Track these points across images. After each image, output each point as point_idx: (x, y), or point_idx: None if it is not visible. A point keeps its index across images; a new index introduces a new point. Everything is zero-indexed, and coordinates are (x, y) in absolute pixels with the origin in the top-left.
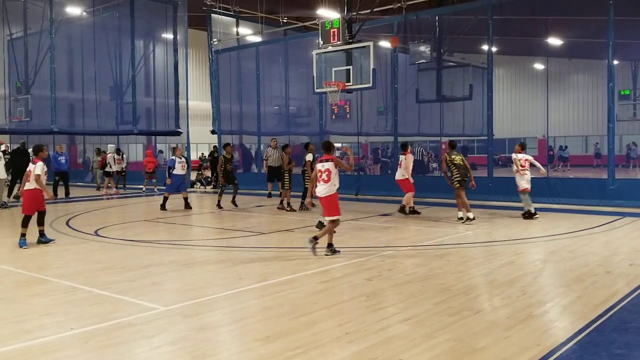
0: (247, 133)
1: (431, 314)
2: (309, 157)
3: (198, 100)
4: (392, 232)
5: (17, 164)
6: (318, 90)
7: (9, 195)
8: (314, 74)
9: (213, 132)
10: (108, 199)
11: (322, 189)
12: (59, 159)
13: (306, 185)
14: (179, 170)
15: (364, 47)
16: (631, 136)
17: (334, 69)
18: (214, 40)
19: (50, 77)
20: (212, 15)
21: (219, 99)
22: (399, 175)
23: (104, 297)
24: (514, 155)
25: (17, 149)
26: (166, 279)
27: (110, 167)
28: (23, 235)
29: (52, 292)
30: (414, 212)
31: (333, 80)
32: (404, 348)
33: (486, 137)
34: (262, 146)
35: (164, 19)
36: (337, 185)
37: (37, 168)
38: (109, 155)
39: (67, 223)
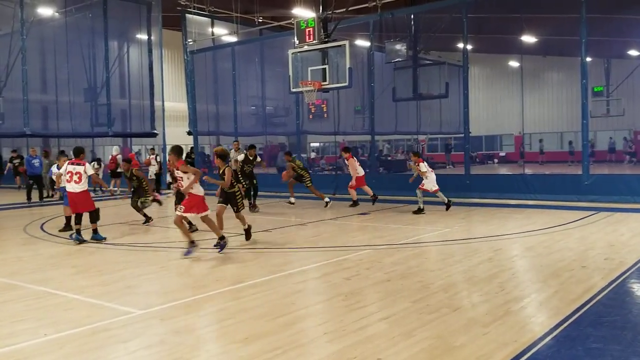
0: (224, 134)
1: (410, 312)
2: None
3: (174, 101)
4: (370, 231)
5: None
6: (294, 90)
7: None
8: (290, 74)
9: (189, 133)
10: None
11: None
12: (32, 162)
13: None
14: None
15: (339, 46)
16: (605, 132)
17: (310, 69)
18: (189, 40)
19: (22, 79)
20: (187, 15)
21: (195, 100)
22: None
23: (78, 301)
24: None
25: None
26: (142, 282)
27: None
28: (78, 231)
29: (24, 297)
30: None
31: (309, 79)
32: (382, 347)
33: (463, 135)
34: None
35: (138, 20)
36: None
37: (88, 168)
38: (118, 157)
39: (41, 227)
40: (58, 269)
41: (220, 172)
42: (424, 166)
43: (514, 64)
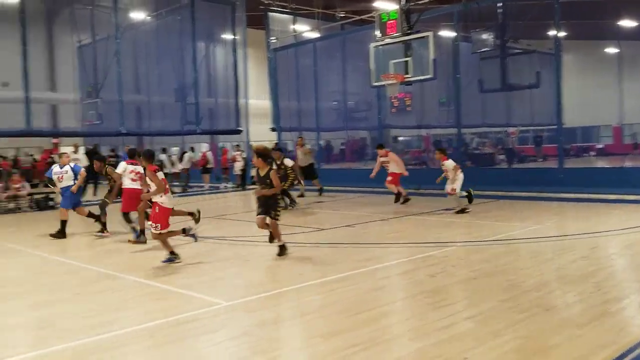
0: (306, 129)
1: (498, 311)
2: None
3: (257, 99)
4: (456, 227)
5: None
6: (376, 84)
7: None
8: (372, 68)
9: (273, 129)
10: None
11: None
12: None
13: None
14: None
15: (423, 37)
16: None
17: (392, 62)
18: (272, 38)
19: (118, 81)
20: (270, 13)
21: (277, 97)
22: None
23: (169, 292)
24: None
25: (90, 150)
26: (228, 274)
27: (211, 163)
28: (134, 228)
29: (121, 287)
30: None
31: (391, 72)
32: (469, 346)
33: (556, 126)
34: (322, 142)
35: (224, 20)
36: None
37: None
38: (208, 153)
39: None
40: (151, 261)
41: (262, 174)
42: (450, 164)
43: (610, 50)
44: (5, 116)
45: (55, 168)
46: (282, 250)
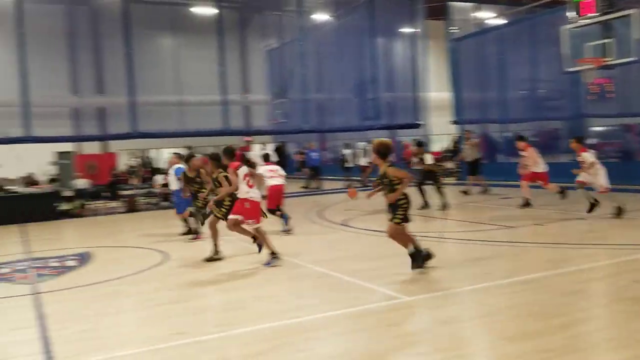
0: (490, 121)
1: None
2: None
3: (438, 92)
4: None
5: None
6: (570, 70)
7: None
8: (565, 52)
9: (454, 122)
10: None
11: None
12: (311, 155)
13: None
14: None
15: (625, 15)
16: None
17: (588, 44)
18: (453, 28)
19: (302, 81)
20: (450, 3)
21: (459, 88)
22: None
23: (352, 283)
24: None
25: (277, 148)
26: (408, 269)
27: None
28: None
29: (306, 276)
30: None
31: (588, 57)
32: None
33: None
34: (508, 134)
35: (402, 15)
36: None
37: (280, 170)
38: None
39: (318, 214)
40: (333, 252)
41: (381, 173)
42: (589, 156)
43: None
44: (206, 117)
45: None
46: (418, 259)
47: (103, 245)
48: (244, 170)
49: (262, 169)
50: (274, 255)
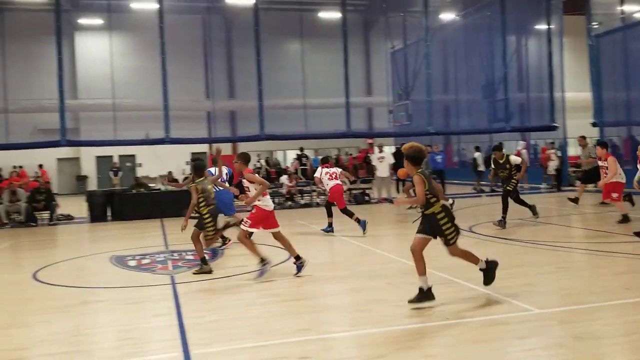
0: (635, 124)
1: None
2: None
3: (575, 91)
4: None
5: (400, 164)
6: None
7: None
8: None
9: (594, 124)
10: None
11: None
12: (435, 158)
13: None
14: None
15: None
16: None
17: None
18: (594, 23)
19: (427, 82)
20: None
21: (600, 88)
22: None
23: (477, 292)
24: None
25: (397, 150)
26: (540, 280)
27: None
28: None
29: (430, 282)
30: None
31: None
32: None
33: None
34: None
35: (536, 10)
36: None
37: (338, 172)
38: (523, 151)
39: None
40: (456, 259)
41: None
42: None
43: None
44: (328, 119)
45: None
46: (489, 276)
47: (235, 240)
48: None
49: (321, 172)
50: (263, 262)
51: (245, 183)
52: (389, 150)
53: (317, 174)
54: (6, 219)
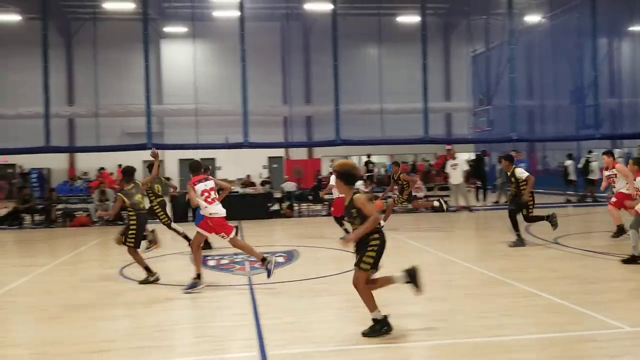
0: None
1: None
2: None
3: None
4: None
5: (480, 171)
6: None
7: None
8: None
9: None
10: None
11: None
12: (518, 165)
13: None
14: None
15: None
16: None
17: None
18: None
19: (510, 86)
20: None
21: None
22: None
23: (563, 306)
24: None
25: (476, 157)
26: (631, 297)
27: None
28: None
29: (512, 294)
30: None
31: None
32: None
33: None
34: None
35: (630, 11)
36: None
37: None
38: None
39: (526, 229)
40: (542, 272)
41: (347, 203)
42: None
43: None
44: (405, 125)
45: None
46: (375, 328)
47: (307, 245)
48: (202, 186)
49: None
50: (197, 278)
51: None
52: (465, 157)
53: (332, 182)
54: (96, 218)
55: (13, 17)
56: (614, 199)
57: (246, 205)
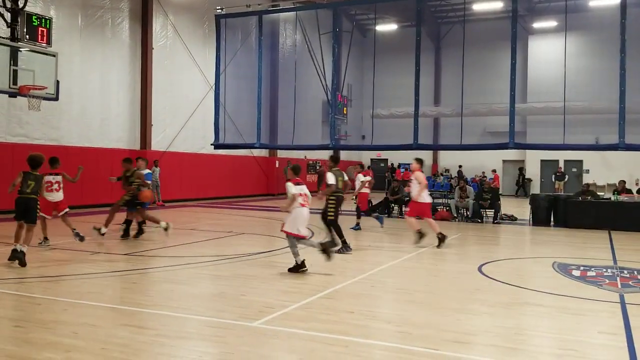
0: None
1: None
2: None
3: None
4: None
5: None
6: None
7: None
8: None
9: None
10: None
11: None
12: None
13: None
14: None
15: None
16: None
17: None
18: None
19: None
20: None
21: None
22: None
23: None
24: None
25: None
26: None
27: None
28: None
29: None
30: None
31: None
32: None
33: None
34: None
35: None
36: None
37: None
38: None
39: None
40: None
41: None
42: None
43: None
44: None
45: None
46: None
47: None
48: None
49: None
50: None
51: None
52: None
53: (361, 179)
54: (456, 213)
55: (391, 27)
56: None
57: (620, 214)
